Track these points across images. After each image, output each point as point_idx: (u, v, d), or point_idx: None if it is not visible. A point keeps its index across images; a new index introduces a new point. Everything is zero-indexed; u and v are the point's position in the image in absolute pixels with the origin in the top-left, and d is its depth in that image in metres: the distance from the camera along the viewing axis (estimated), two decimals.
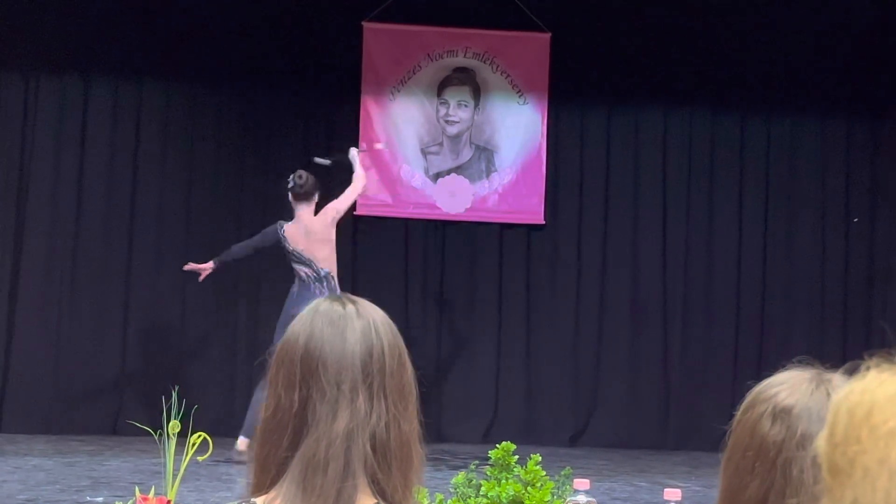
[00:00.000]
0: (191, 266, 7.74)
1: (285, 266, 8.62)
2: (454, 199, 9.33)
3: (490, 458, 4.71)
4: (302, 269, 7.52)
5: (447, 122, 9.40)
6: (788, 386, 1.47)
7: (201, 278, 7.76)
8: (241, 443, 7.27)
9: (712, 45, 9.37)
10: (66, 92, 9.03)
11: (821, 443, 1.05)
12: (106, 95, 9.07)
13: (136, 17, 8.99)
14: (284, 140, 9.22)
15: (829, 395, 1.44)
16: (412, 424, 1.56)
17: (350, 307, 1.58)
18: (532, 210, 9.35)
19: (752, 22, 9.37)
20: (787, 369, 1.50)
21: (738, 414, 1.49)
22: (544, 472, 4.54)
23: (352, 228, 9.09)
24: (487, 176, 9.38)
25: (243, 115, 9.20)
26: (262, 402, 1.57)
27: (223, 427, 7.68)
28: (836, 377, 1.47)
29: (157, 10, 9.04)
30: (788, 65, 9.39)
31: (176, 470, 5.04)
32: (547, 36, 9.29)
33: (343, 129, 9.23)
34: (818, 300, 9.38)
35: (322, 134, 9.28)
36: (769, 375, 1.53)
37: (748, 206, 9.46)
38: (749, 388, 1.54)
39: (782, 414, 1.44)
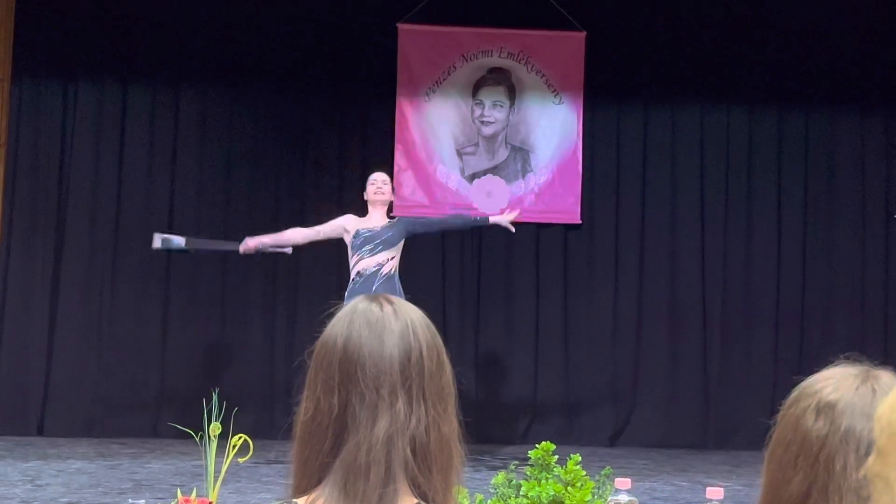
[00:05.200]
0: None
1: (322, 267, 8.66)
2: (490, 200, 9.32)
3: (530, 458, 4.70)
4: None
5: (482, 122, 9.39)
6: (834, 381, 1.45)
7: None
8: None
9: (748, 40, 9.32)
10: (104, 97, 9.11)
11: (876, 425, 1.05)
12: (144, 101, 9.14)
13: (172, 23, 9.06)
14: (321, 142, 9.25)
15: (874, 391, 1.43)
16: (452, 425, 1.56)
17: (388, 308, 1.58)
18: (568, 210, 9.33)
19: (789, 17, 9.30)
20: (835, 365, 1.49)
21: (783, 408, 1.48)
22: (584, 472, 4.53)
23: None
24: (523, 176, 9.37)
25: (280, 118, 9.23)
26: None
27: (263, 429, 7.71)
28: (884, 373, 1.46)
29: (193, 16, 9.10)
30: (826, 60, 9.31)
31: (217, 472, 5.07)
32: (582, 35, 9.26)
33: (378, 130, 9.26)
34: (858, 298, 9.30)
35: (358, 136, 9.31)
36: (809, 372, 1.51)
37: (786, 203, 9.39)
38: (791, 384, 1.53)
39: (826, 409, 1.43)
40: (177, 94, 9.19)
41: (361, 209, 7.49)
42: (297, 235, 7.50)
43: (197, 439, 5.30)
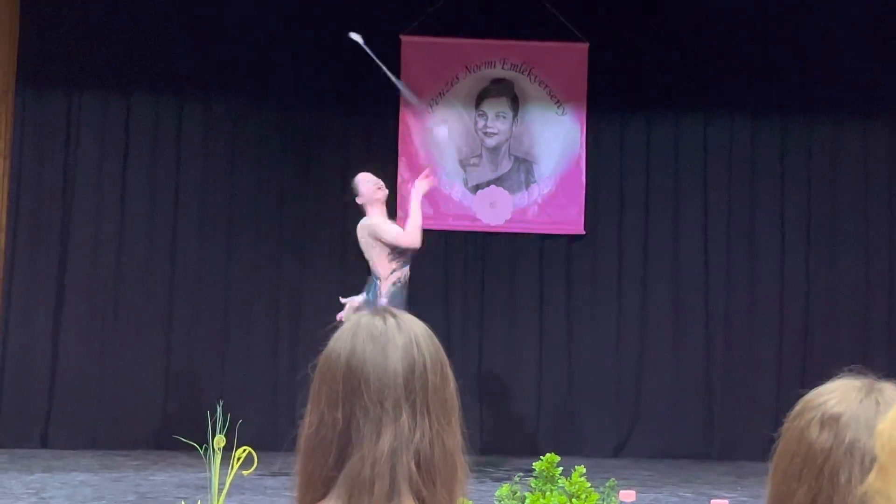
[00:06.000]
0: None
1: (325, 279, 8.65)
2: (494, 211, 9.32)
3: (534, 469, 4.70)
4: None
5: (486, 133, 9.40)
6: (838, 394, 1.46)
7: None
8: None
9: (751, 50, 9.32)
10: (107, 108, 9.12)
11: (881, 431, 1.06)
12: (147, 111, 9.15)
13: (176, 34, 9.07)
14: (324, 154, 9.26)
15: (878, 403, 1.43)
16: (455, 438, 1.56)
17: (391, 321, 1.58)
18: (572, 220, 9.33)
19: (791, 26, 9.30)
20: (839, 377, 1.49)
21: (788, 421, 1.49)
22: (589, 484, 4.53)
23: None
24: (527, 187, 9.37)
25: (283, 130, 9.24)
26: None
27: (267, 441, 7.70)
28: (888, 386, 1.46)
29: (198, 26, 9.12)
30: (829, 68, 9.30)
31: (221, 484, 5.07)
32: (585, 46, 9.27)
33: (382, 142, 9.26)
34: (862, 308, 9.28)
35: (361, 147, 9.31)
36: (813, 383, 1.52)
37: (790, 213, 9.38)
38: (795, 395, 1.53)
39: (830, 421, 1.43)
40: (180, 106, 9.20)
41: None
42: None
43: (201, 451, 5.30)
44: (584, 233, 9.34)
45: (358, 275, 7.93)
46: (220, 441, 5.07)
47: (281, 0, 9.21)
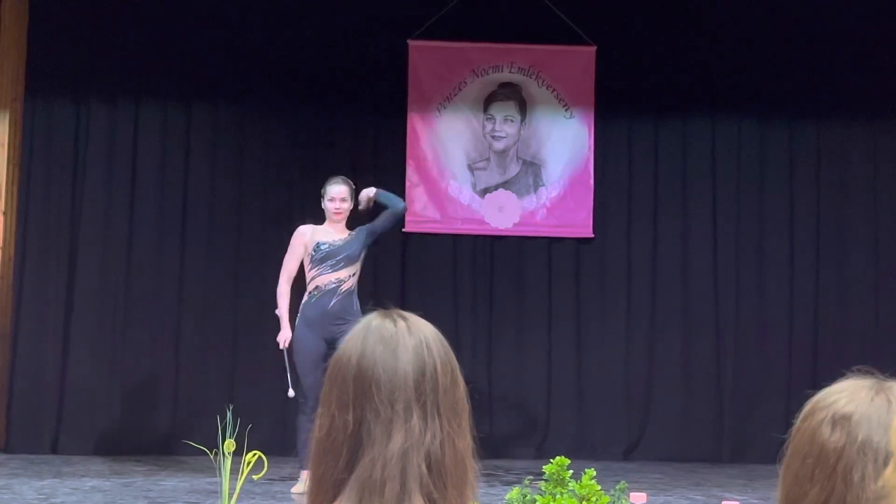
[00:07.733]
0: None
1: None
2: (502, 214, 9.32)
3: (544, 472, 4.70)
4: None
5: (494, 137, 9.40)
6: (848, 393, 1.46)
7: None
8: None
9: (759, 52, 9.31)
10: (116, 116, 9.14)
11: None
12: (156, 119, 9.17)
13: (183, 42, 9.09)
14: (332, 159, 9.26)
15: (889, 402, 1.43)
16: (466, 441, 1.57)
17: (401, 324, 1.58)
18: (580, 224, 9.33)
19: (799, 29, 9.29)
20: (845, 377, 1.49)
21: (797, 421, 1.49)
22: (599, 487, 4.52)
23: (400, 245, 9.12)
24: (535, 190, 9.37)
25: (291, 135, 9.25)
26: (314, 424, 1.58)
27: (277, 445, 7.72)
28: None
29: (205, 34, 9.13)
30: (837, 71, 9.29)
31: (232, 489, 5.08)
32: (592, 49, 9.27)
33: (390, 146, 9.27)
34: (872, 309, 9.26)
35: (369, 152, 9.32)
36: (823, 386, 1.52)
37: (799, 215, 9.36)
38: (805, 396, 1.53)
39: (842, 420, 1.43)
40: (188, 113, 9.22)
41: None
42: (287, 286, 7.33)
43: (211, 456, 5.31)
44: (592, 236, 9.34)
45: (365, 279, 7.94)
46: (230, 446, 5.08)
47: (289, 5, 9.22)
